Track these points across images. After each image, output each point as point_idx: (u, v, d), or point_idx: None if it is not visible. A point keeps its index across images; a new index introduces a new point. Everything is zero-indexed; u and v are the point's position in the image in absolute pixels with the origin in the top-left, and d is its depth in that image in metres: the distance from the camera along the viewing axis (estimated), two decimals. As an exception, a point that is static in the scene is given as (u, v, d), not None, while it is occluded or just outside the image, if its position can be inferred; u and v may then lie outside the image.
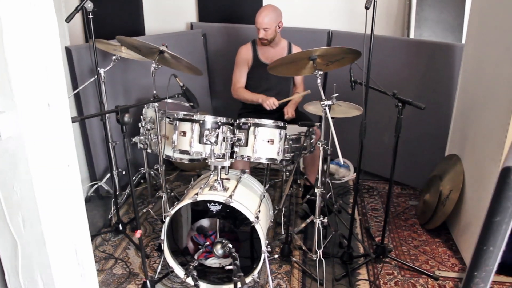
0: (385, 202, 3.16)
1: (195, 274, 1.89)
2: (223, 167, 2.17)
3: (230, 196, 2.07)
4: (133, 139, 2.72)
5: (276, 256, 2.47)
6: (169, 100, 3.02)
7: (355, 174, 3.49)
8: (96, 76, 2.46)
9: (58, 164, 1.36)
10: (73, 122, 1.57)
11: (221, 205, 2.08)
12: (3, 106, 1.20)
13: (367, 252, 2.44)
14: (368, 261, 2.46)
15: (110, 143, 2.79)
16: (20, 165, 1.26)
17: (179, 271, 2.22)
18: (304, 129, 2.48)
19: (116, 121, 1.77)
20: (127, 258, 2.53)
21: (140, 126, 2.72)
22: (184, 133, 2.29)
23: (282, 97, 2.97)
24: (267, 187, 2.52)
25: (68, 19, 2.20)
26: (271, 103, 2.71)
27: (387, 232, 2.78)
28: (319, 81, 2.12)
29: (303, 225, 2.51)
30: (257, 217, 2.08)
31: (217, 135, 2.21)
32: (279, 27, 2.79)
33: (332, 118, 2.62)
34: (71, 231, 1.48)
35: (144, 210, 2.81)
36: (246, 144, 2.22)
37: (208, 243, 2.45)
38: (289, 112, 2.80)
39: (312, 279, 2.33)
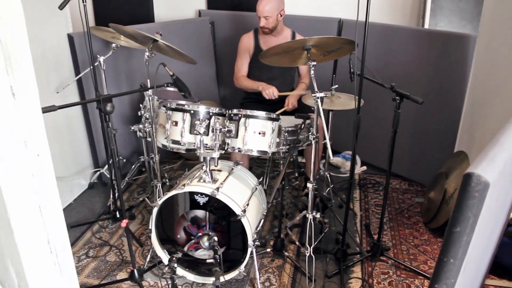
0: (389, 198, 3.05)
1: (175, 266, 1.87)
2: (212, 159, 2.13)
3: (217, 189, 2.04)
4: (132, 127, 2.72)
5: (268, 250, 2.44)
6: (170, 89, 3.02)
7: (362, 168, 3.40)
8: (91, 66, 2.45)
9: (25, 154, 1.36)
10: (48, 111, 1.57)
11: (207, 197, 2.05)
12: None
13: (360, 250, 2.36)
14: (363, 259, 2.38)
15: (109, 131, 2.81)
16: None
17: (167, 261, 2.22)
18: (301, 121, 2.40)
19: (98, 110, 1.76)
20: (122, 245, 2.55)
21: (139, 114, 2.72)
22: (176, 123, 2.26)
23: (285, 87, 2.90)
24: (267, 178, 2.47)
25: (62, 6, 2.20)
26: (270, 92, 2.65)
27: (387, 229, 2.69)
28: (312, 72, 2.04)
29: (297, 218, 2.46)
30: (244, 211, 2.04)
31: (208, 126, 2.17)
32: (281, 16, 2.70)
33: (331, 110, 2.56)
34: (42, 220, 1.48)
35: (141, 199, 2.82)
36: (237, 136, 2.17)
37: (200, 234, 2.43)
38: (290, 103, 2.73)
39: (303, 275, 2.28)
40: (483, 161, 0.87)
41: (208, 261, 2.04)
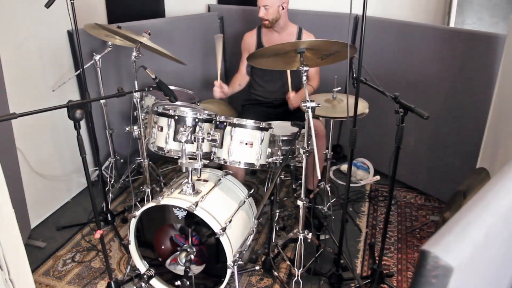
0: (401, 214, 2.79)
1: (142, 285, 1.74)
2: (195, 169, 1.98)
3: (197, 203, 1.88)
4: (127, 128, 2.61)
5: (257, 268, 2.27)
6: (171, 87, 2.89)
7: (375, 177, 3.15)
8: (79, 70, 2.35)
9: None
10: (7, 119, 1.46)
11: (186, 212, 1.90)
12: None
13: (355, 277, 2.13)
14: (361, 286, 2.16)
15: (107, 131, 2.73)
16: None
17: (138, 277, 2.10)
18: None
19: (68, 117, 1.64)
20: (109, 251, 2.46)
21: (135, 114, 2.61)
22: (162, 129, 2.13)
23: (287, 87, 2.69)
24: (268, 192, 2.28)
25: (48, 4, 2.10)
26: (214, 90, 2.58)
27: (394, 251, 2.45)
28: (304, 78, 1.82)
29: (289, 236, 2.26)
30: (223, 229, 1.87)
31: (192, 134, 2.01)
32: (283, 8, 2.48)
33: (332, 118, 2.33)
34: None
35: (133, 203, 2.72)
36: (221, 146, 2.00)
37: (186, 245, 2.30)
38: (292, 102, 2.51)
39: (293, 299, 2.10)
40: (448, 233, 0.65)
41: (176, 283, 1.90)
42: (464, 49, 2.55)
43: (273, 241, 2.27)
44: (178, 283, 1.84)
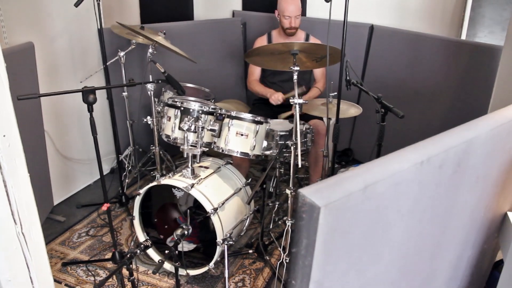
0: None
1: (137, 251, 1.96)
2: (194, 155, 2.19)
3: (193, 184, 2.09)
4: (145, 119, 2.88)
5: (251, 251, 2.44)
6: (189, 85, 3.14)
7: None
8: (103, 66, 2.64)
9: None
10: (26, 98, 1.74)
11: (183, 192, 2.11)
12: None
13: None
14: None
15: (128, 121, 3.00)
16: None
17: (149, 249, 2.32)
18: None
19: (82, 100, 1.91)
20: (120, 229, 2.72)
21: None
22: (169, 118, 2.36)
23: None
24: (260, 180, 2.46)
25: (77, 3, 2.39)
26: (276, 98, 2.64)
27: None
28: (295, 77, 2.00)
29: (280, 222, 2.42)
30: (215, 209, 2.06)
31: (194, 123, 2.23)
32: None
33: (329, 118, 2.48)
34: (7, 193, 1.65)
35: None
36: (219, 135, 2.20)
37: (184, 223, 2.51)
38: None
39: (279, 281, 2.25)
40: (325, 182, 0.81)
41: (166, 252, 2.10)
42: (468, 59, 2.63)
43: (266, 228, 2.43)
44: (167, 251, 2.04)
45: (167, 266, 2.29)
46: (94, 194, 3.13)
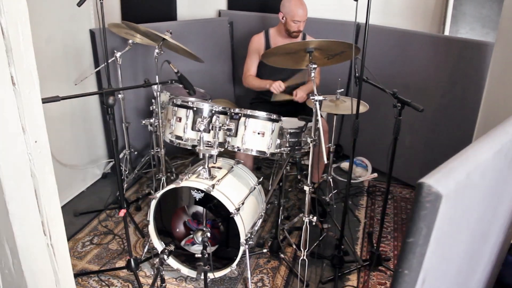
0: (397, 208, 2.99)
1: (165, 258, 1.92)
2: (211, 155, 2.17)
3: (213, 185, 2.07)
4: (143, 121, 2.81)
5: (265, 250, 2.45)
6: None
7: (372, 174, 3.35)
8: (105, 63, 2.55)
9: (23, 140, 1.43)
10: (52, 101, 1.65)
11: (203, 193, 2.08)
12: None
13: (356, 258, 2.32)
14: (360, 268, 2.35)
15: (123, 124, 2.91)
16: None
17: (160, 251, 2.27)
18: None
19: (101, 102, 1.83)
20: (125, 235, 2.63)
21: (151, 109, 2.80)
22: (180, 119, 2.32)
23: (294, 89, 2.90)
24: (277, 179, 2.47)
25: (80, 3, 2.29)
26: (276, 85, 2.64)
27: (391, 239, 2.64)
28: (313, 74, 2.04)
29: (295, 220, 2.45)
30: (237, 209, 2.06)
31: (209, 124, 2.21)
32: None
33: (335, 115, 2.54)
34: (37, 203, 1.56)
35: (147, 191, 2.89)
36: (236, 135, 2.20)
37: (202, 226, 2.48)
38: (298, 93, 2.70)
39: (297, 278, 2.27)
40: (439, 172, 0.85)
41: (196, 255, 2.08)
42: (458, 55, 2.78)
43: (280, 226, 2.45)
44: (198, 254, 2.01)
45: (185, 270, 2.25)
46: (89, 201, 3.00)
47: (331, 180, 2.72)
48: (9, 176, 1.41)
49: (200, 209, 2.26)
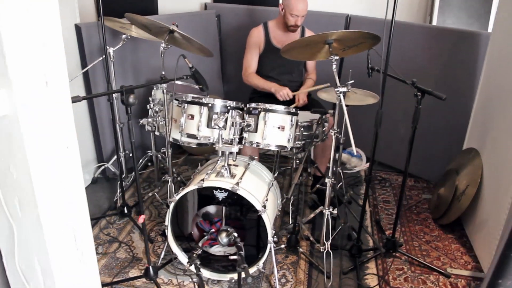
0: (397, 195, 3.06)
1: (198, 262, 1.84)
2: (231, 153, 2.10)
3: (237, 183, 2.00)
4: (141, 121, 2.67)
5: (282, 246, 2.42)
6: (178, 82, 2.96)
7: (367, 164, 3.41)
8: (103, 56, 2.38)
9: (56, 146, 1.30)
10: (73, 102, 1.50)
11: (227, 192, 2.01)
12: (-3, 82, 1.13)
13: (377, 246, 2.35)
14: (377, 255, 2.38)
15: (117, 124, 2.74)
16: (15, 146, 1.20)
17: (182, 257, 2.18)
18: (317, 116, 2.38)
19: (121, 102, 1.70)
20: (131, 242, 2.49)
21: (148, 107, 2.67)
22: (192, 117, 2.22)
23: (294, 82, 2.88)
24: (276, 174, 2.45)
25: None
26: (284, 94, 2.61)
27: (398, 225, 2.70)
28: (334, 66, 2.01)
29: (311, 215, 2.44)
30: (264, 206, 2.01)
31: (226, 120, 2.13)
32: None
33: (346, 106, 2.53)
34: (69, 216, 1.43)
35: (150, 194, 2.76)
36: (256, 130, 2.14)
37: (213, 230, 2.39)
38: (300, 99, 2.70)
39: (319, 271, 2.27)
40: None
41: (231, 257, 2.01)
42: (451, 44, 2.87)
43: (298, 220, 2.42)
44: (234, 257, 1.94)
45: (207, 273, 2.17)
46: (84, 208, 2.81)
47: (340, 171, 2.73)
48: (43, 188, 1.28)
49: (210, 209, 2.19)
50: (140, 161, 2.94)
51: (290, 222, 2.59)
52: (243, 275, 1.75)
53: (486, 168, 2.43)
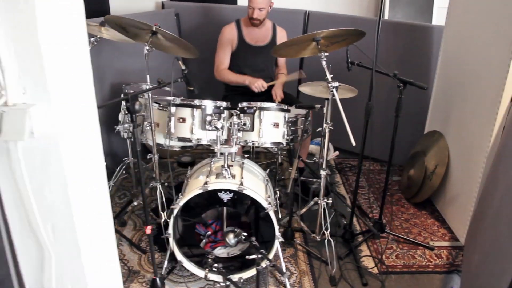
0: (368, 180, 3.26)
1: (221, 267, 1.82)
2: (230, 154, 2.09)
3: (241, 183, 2.01)
4: (117, 128, 2.54)
5: (281, 239, 2.46)
6: (147, 85, 2.86)
7: (335, 153, 3.56)
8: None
9: (93, 165, 1.22)
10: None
11: (232, 193, 2.01)
12: (35, 98, 1.04)
13: (370, 229, 2.50)
14: (367, 238, 2.53)
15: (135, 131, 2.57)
16: (53, 166, 1.11)
17: (188, 264, 2.13)
18: (301, 111, 2.46)
19: (126, 109, 1.62)
20: (123, 255, 2.38)
21: (121, 114, 2.56)
22: (184, 120, 2.17)
23: (267, 80, 2.92)
24: (268, 171, 2.48)
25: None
26: (259, 85, 2.64)
27: (377, 208, 2.88)
28: (324, 62, 2.09)
29: (305, 208, 2.51)
30: (270, 203, 2.04)
31: (223, 121, 2.12)
32: (270, 7, 2.72)
33: (326, 99, 2.64)
34: (105, 241, 1.35)
35: (135, 203, 2.64)
36: (252, 129, 2.15)
37: (209, 232, 2.38)
38: (277, 94, 2.75)
39: (318, 260, 2.35)
40: None
41: (248, 257, 2.01)
42: (407, 37, 3.11)
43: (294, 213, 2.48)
44: (252, 256, 1.94)
45: (214, 277, 2.15)
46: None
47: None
48: (81, 211, 1.20)
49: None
50: (118, 169, 2.79)
51: (280, 216, 2.64)
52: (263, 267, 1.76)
53: (452, 148, 2.68)
